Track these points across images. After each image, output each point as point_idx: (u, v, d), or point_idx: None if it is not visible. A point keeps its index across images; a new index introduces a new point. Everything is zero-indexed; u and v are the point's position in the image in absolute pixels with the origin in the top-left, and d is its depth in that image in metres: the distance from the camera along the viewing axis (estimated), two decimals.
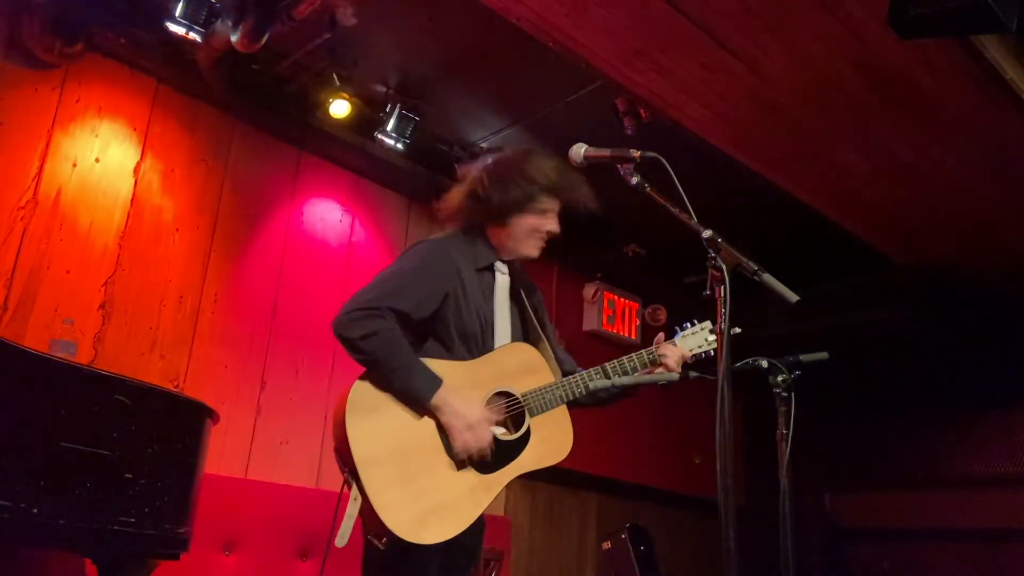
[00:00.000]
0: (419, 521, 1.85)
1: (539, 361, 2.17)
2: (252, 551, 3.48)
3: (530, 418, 2.07)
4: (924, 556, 6.10)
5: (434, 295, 2.07)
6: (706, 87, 3.55)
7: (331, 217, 4.43)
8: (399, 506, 1.85)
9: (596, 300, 5.62)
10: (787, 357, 2.15)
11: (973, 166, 4.01)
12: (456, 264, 2.13)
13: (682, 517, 6.01)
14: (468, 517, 1.93)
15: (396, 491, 1.86)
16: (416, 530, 1.84)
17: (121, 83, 3.71)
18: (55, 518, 2.02)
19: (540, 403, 2.08)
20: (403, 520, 1.84)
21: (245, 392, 3.89)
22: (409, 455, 1.91)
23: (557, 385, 2.12)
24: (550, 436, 2.09)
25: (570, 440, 2.12)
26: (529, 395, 2.08)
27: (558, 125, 4.27)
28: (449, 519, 1.89)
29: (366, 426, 1.90)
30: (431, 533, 1.86)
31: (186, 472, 2.48)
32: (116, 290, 3.55)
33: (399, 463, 1.90)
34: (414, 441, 1.94)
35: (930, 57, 3.19)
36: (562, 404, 2.11)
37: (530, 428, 2.06)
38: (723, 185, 4.23)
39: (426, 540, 1.85)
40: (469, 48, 3.85)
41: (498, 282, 2.23)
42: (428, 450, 1.94)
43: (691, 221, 1.80)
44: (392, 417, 1.94)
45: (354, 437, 1.87)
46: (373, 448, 1.88)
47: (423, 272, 2.09)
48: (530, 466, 2.05)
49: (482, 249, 2.22)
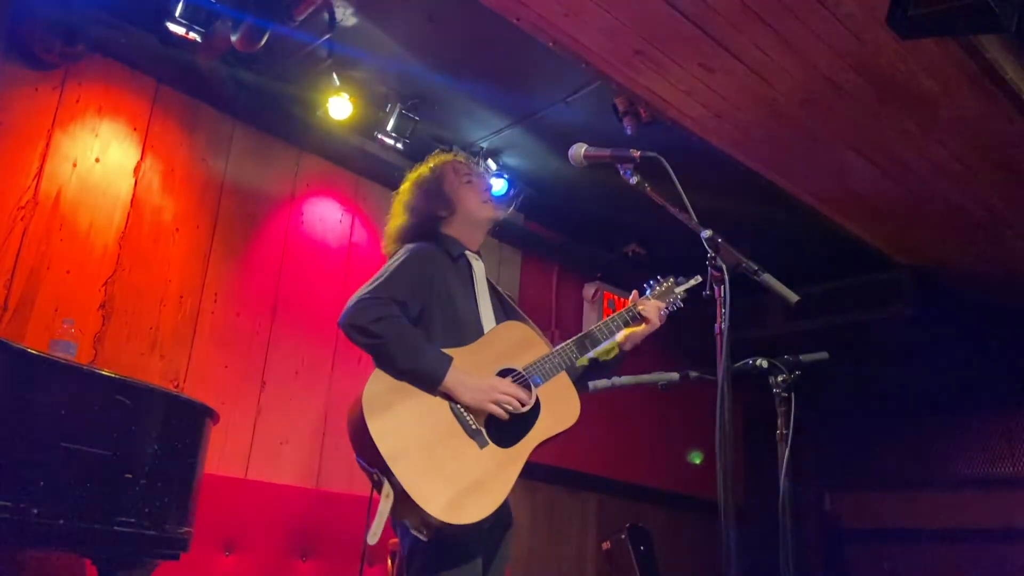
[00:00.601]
0: (457, 504, 1.90)
1: (532, 335, 2.23)
2: (252, 551, 3.48)
3: (536, 389, 2.12)
4: (924, 556, 6.11)
5: (423, 284, 2.15)
6: (706, 87, 3.55)
7: (331, 217, 4.43)
8: (436, 493, 1.89)
9: (596, 300, 5.62)
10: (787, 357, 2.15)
11: (973, 166, 4.01)
12: (437, 259, 2.22)
13: (682, 517, 6.01)
14: (502, 492, 1.99)
15: (430, 479, 1.90)
16: (457, 513, 1.89)
17: (121, 83, 3.71)
18: (55, 518, 2.02)
19: (543, 373, 2.14)
20: (442, 505, 1.88)
21: (245, 392, 3.89)
22: (432, 443, 1.96)
23: (554, 353, 2.18)
24: (558, 402, 2.15)
25: (577, 403, 2.18)
26: (531, 367, 2.14)
27: (558, 125, 4.27)
28: (485, 496, 1.95)
29: (386, 423, 1.94)
30: (471, 513, 1.91)
31: (186, 472, 2.48)
32: (116, 290, 3.55)
33: (425, 452, 1.94)
34: (434, 429, 1.98)
35: (930, 57, 3.19)
36: (562, 370, 2.17)
37: (538, 398, 2.11)
38: (723, 185, 4.23)
39: (469, 520, 1.90)
40: (469, 48, 3.85)
41: (475, 268, 2.31)
42: (449, 436, 1.99)
43: (691, 221, 1.80)
44: (408, 410, 1.98)
45: (377, 435, 1.90)
46: (398, 442, 1.92)
47: (411, 265, 2.17)
48: (547, 433, 2.11)
49: (448, 243, 2.30)
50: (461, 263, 2.29)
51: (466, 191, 2.34)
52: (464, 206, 2.32)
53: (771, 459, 2.08)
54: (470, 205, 2.32)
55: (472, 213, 2.33)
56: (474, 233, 2.36)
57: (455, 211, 2.32)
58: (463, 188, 2.34)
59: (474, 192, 2.35)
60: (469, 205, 2.32)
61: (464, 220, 2.33)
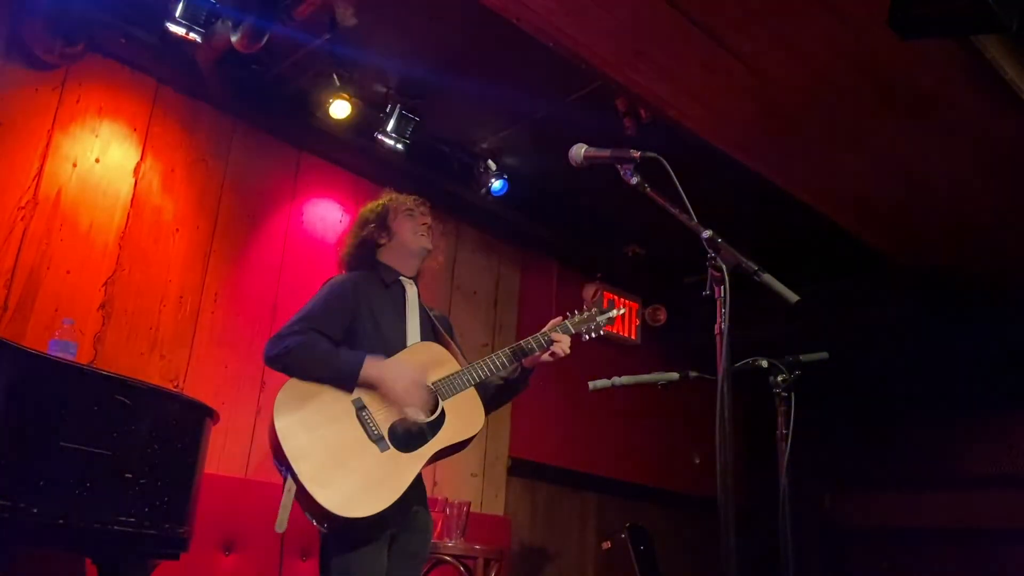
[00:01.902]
0: (352, 498, 2.07)
1: (445, 355, 2.44)
2: (252, 551, 3.48)
3: (443, 401, 2.30)
4: (924, 556, 6.11)
5: (342, 309, 2.37)
6: (706, 87, 3.55)
7: (331, 217, 4.43)
8: (332, 489, 2.06)
9: (596, 300, 5.59)
10: (787, 357, 2.15)
11: (973, 166, 4.01)
12: (361, 287, 2.44)
13: (682, 517, 6.01)
14: (398, 489, 2.13)
15: (327, 476, 2.08)
16: (350, 507, 2.05)
17: (121, 83, 3.71)
18: (55, 518, 2.02)
19: (450, 387, 2.33)
20: (337, 500, 2.04)
21: (245, 392, 3.89)
22: (335, 445, 2.14)
23: (463, 371, 2.38)
24: (462, 413, 2.33)
25: (481, 415, 2.37)
26: (439, 382, 2.33)
27: (558, 125, 4.26)
28: (382, 492, 2.10)
29: (293, 423, 2.13)
30: (365, 507, 2.07)
31: (186, 472, 2.49)
32: (116, 290, 3.55)
33: (328, 453, 2.12)
34: (338, 433, 2.16)
35: (930, 57, 3.19)
36: (470, 387, 2.36)
37: (444, 410, 2.29)
38: (723, 185, 4.23)
39: (361, 513, 2.06)
40: (469, 48, 3.85)
41: (408, 294, 2.53)
42: (352, 440, 2.16)
43: (691, 221, 1.80)
44: (316, 413, 2.17)
45: (283, 434, 2.11)
46: (302, 442, 2.12)
47: (329, 295, 2.40)
48: (448, 440, 2.28)
49: (383, 270, 2.54)
50: (394, 288, 2.51)
51: (403, 221, 2.57)
52: (401, 235, 2.55)
53: (771, 459, 2.08)
54: (406, 235, 2.55)
55: (407, 242, 2.55)
56: (409, 260, 2.57)
57: (392, 238, 2.55)
58: (401, 217, 2.57)
59: (411, 223, 2.57)
60: (405, 235, 2.55)
61: (399, 247, 2.55)
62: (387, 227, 2.56)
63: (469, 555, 3.58)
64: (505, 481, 4.94)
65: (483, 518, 4.49)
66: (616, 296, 5.75)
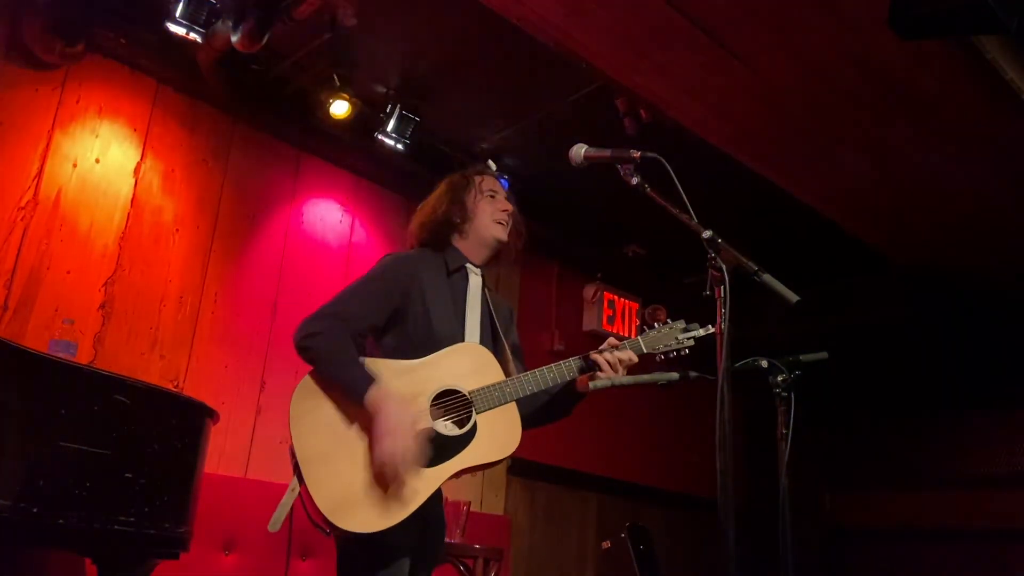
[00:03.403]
0: (355, 510, 1.90)
1: (490, 360, 2.16)
2: (252, 551, 3.48)
3: (477, 414, 2.06)
4: (924, 556, 6.10)
5: (386, 293, 2.15)
6: (706, 87, 3.55)
7: (331, 217, 4.43)
8: (334, 495, 1.91)
9: (596, 300, 5.61)
10: (787, 357, 2.15)
11: (973, 166, 4.01)
12: (419, 273, 2.20)
13: (682, 517, 6.01)
14: (407, 508, 1.93)
15: (335, 482, 1.92)
16: (345, 518, 1.89)
17: (121, 83, 3.71)
18: (55, 518, 2.02)
19: (487, 400, 2.07)
20: (335, 507, 1.89)
21: (245, 392, 3.89)
22: (349, 450, 1.96)
23: (506, 383, 2.11)
24: (497, 433, 2.08)
25: (518, 438, 2.11)
26: (477, 392, 2.07)
27: (558, 125, 4.27)
28: (384, 510, 1.91)
29: (309, 420, 1.98)
30: (359, 522, 1.89)
31: (186, 472, 2.48)
32: (116, 290, 3.55)
33: (340, 455, 1.96)
34: (355, 433, 1.98)
35: (930, 57, 3.19)
36: (511, 401, 2.10)
37: (477, 424, 2.06)
38: (723, 185, 4.24)
39: (354, 528, 1.88)
40: (469, 48, 3.84)
41: (471, 283, 2.29)
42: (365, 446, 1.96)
43: (691, 221, 1.80)
44: (331, 413, 2.00)
45: (296, 432, 1.96)
46: (313, 442, 1.96)
47: (378, 281, 2.18)
48: (472, 462, 2.04)
49: (452, 255, 2.30)
50: (456, 276, 2.27)
51: (484, 205, 2.33)
52: (477, 219, 2.31)
53: (771, 459, 2.08)
54: (482, 220, 2.31)
55: (481, 228, 2.32)
56: (480, 249, 2.34)
57: (467, 221, 2.32)
58: (482, 201, 2.34)
59: (490, 208, 2.33)
60: (481, 219, 2.31)
61: (473, 233, 2.32)
62: (463, 205, 2.32)
63: (469, 555, 3.58)
64: (505, 481, 4.93)
65: (483, 518, 4.49)
66: (616, 296, 5.75)
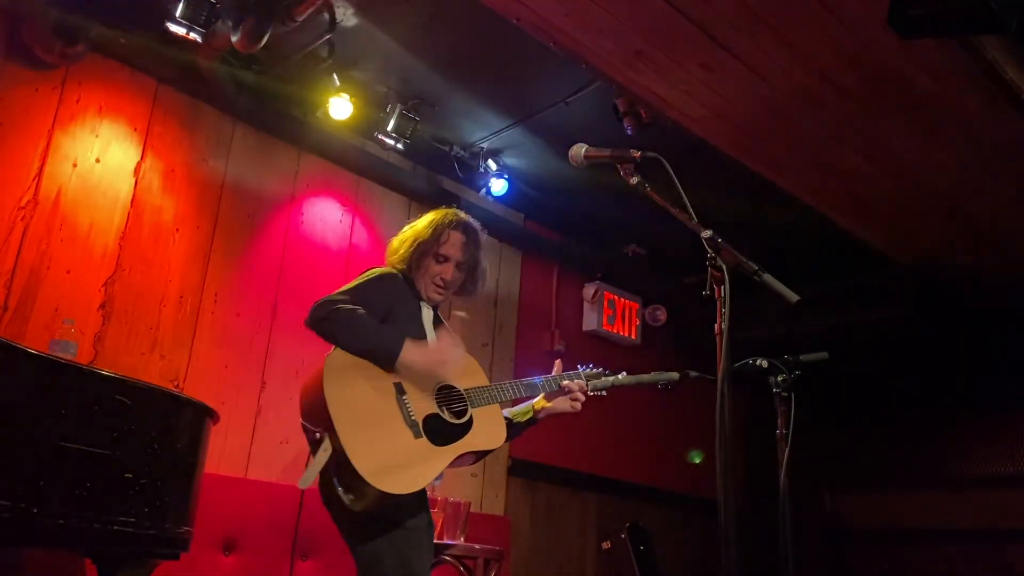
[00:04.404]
0: (385, 472, 2.08)
1: (476, 367, 2.50)
2: (252, 551, 3.48)
3: (472, 409, 2.36)
4: (924, 556, 6.11)
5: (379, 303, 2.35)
6: (706, 87, 3.55)
7: (331, 217, 4.43)
8: (368, 456, 2.07)
9: (596, 300, 5.62)
10: (787, 357, 2.15)
11: (973, 166, 4.01)
12: (400, 288, 2.46)
13: (682, 517, 6.01)
14: (425, 478, 2.17)
15: (366, 445, 2.09)
16: (383, 479, 2.06)
17: (121, 83, 3.71)
18: (55, 518, 2.02)
19: (480, 397, 2.39)
20: (372, 468, 2.06)
21: (245, 392, 3.89)
22: (374, 420, 2.16)
23: (493, 386, 2.44)
24: (488, 425, 2.39)
25: (503, 431, 2.46)
26: (471, 390, 2.39)
27: (558, 125, 4.27)
28: (409, 476, 2.13)
29: (340, 390, 2.15)
30: (394, 484, 2.08)
31: (186, 472, 2.49)
32: (116, 290, 3.55)
33: (367, 424, 2.14)
34: (379, 409, 2.19)
35: (930, 57, 3.19)
36: (496, 403, 2.43)
37: (472, 417, 2.35)
38: (723, 185, 4.23)
39: (392, 489, 2.06)
40: (469, 48, 3.85)
41: (424, 314, 2.51)
42: (390, 418, 2.19)
43: (691, 221, 1.80)
44: (361, 385, 2.20)
45: (331, 398, 2.11)
46: (346, 408, 2.13)
47: (369, 285, 2.39)
48: (475, 446, 2.32)
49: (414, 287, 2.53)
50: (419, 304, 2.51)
51: (430, 266, 2.51)
52: (421, 277, 2.51)
53: (771, 459, 2.08)
54: (424, 279, 2.51)
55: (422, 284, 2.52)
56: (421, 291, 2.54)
57: (415, 271, 2.51)
58: (431, 263, 2.51)
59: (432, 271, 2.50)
60: (424, 279, 2.51)
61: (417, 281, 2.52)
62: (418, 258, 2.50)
63: (469, 555, 3.58)
64: (505, 481, 4.93)
65: (483, 518, 4.49)
66: (616, 296, 5.75)
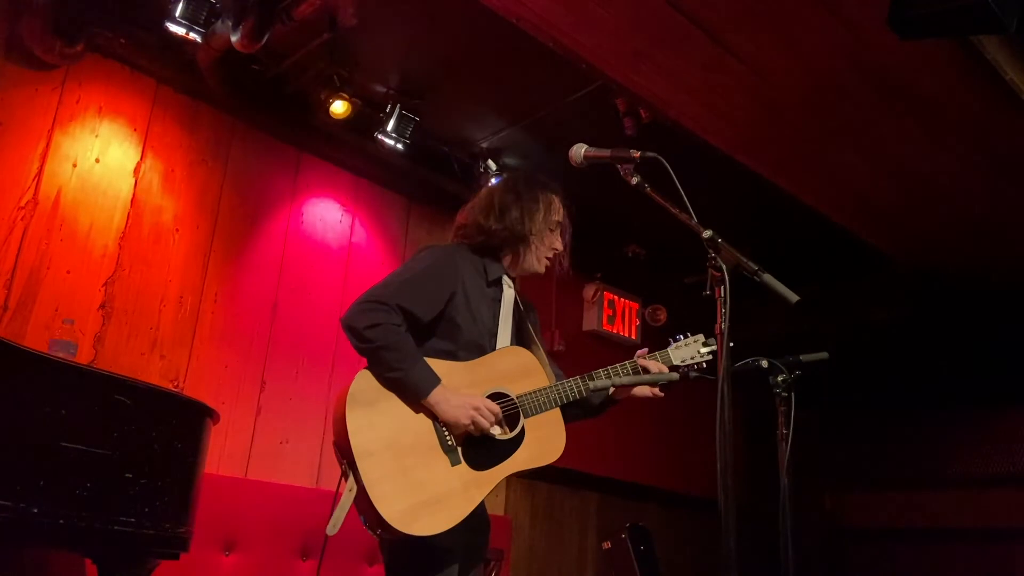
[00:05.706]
0: (411, 513, 1.89)
1: (535, 364, 2.20)
2: (252, 551, 3.48)
3: (524, 419, 2.10)
4: (924, 556, 6.10)
5: (440, 297, 2.12)
6: (706, 87, 3.55)
7: (331, 217, 4.43)
8: (394, 497, 1.89)
9: (596, 300, 5.62)
10: (787, 357, 2.15)
11: (973, 166, 4.01)
12: (462, 273, 2.17)
13: (682, 517, 6.01)
14: (460, 512, 1.95)
15: (391, 483, 1.91)
16: (408, 522, 1.88)
17: (121, 83, 3.71)
18: (55, 518, 2.02)
19: (535, 404, 2.12)
20: (396, 511, 1.88)
21: (245, 392, 3.89)
22: (405, 449, 1.96)
23: (552, 388, 2.15)
24: (544, 437, 2.12)
25: (563, 442, 2.16)
26: (524, 396, 2.11)
27: (558, 125, 4.27)
28: (441, 513, 1.92)
29: (365, 418, 1.95)
30: (422, 525, 1.89)
31: (186, 472, 2.48)
32: (116, 290, 3.55)
33: (396, 456, 1.94)
34: (411, 435, 1.98)
35: (930, 57, 3.19)
36: (556, 407, 2.14)
37: (524, 428, 2.10)
38: (723, 185, 4.23)
39: (418, 532, 1.88)
40: (469, 48, 3.84)
41: (505, 295, 2.26)
42: (424, 446, 1.98)
43: (691, 221, 1.80)
44: (390, 410, 1.98)
45: (353, 428, 1.92)
46: (371, 440, 1.93)
47: (431, 274, 2.14)
48: (523, 465, 2.09)
49: (491, 264, 2.25)
50: (494, 286, 2.24)
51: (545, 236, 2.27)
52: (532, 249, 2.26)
53: (771, 459, 2.08)
54: (536, 252, 2.26)
55: (530, 256, 2.26)
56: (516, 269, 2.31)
57: (522, 243, 2.25)
58: (545, 232, 2.27)
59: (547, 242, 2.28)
60: (536, 252, 2.26)
61: (520, 255, 2.27)
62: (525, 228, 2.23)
63: None
64: (505, 481, 4.92)
65: None
66: (616, 296, 5.75)
